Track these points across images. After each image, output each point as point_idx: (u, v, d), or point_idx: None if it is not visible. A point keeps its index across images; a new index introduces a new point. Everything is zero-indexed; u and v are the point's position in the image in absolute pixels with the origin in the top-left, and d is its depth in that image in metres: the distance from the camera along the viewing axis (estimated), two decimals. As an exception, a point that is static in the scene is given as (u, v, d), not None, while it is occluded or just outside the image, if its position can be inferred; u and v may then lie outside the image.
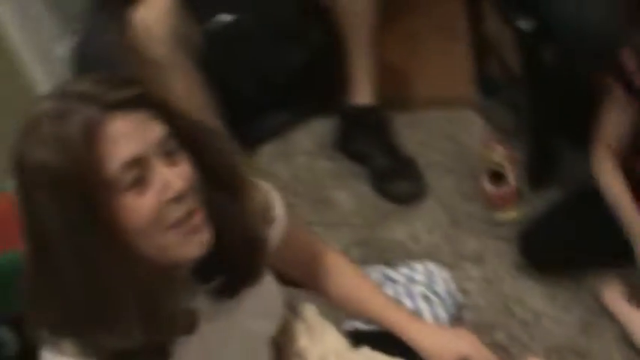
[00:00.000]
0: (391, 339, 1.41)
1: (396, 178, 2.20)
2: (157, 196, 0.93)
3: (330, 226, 2.17)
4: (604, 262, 1.89)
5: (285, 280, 1.34)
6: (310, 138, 2.46)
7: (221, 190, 1.02)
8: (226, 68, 2.34)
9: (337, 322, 1.42)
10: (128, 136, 0.91)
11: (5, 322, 1.36)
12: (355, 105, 2.29)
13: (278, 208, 1.22)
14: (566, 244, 1.89)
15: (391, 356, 1.34)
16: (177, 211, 0.95)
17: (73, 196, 0.90)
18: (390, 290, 1.84)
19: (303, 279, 1.41)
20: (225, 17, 2.30)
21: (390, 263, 1.98)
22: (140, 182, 0.92)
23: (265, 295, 1.21)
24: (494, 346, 1.82)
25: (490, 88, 2.37)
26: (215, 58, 2.25)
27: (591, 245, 1.86)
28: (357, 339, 1.40)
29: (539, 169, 2.15)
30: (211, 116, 2.10)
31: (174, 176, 0.94)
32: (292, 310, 1.38)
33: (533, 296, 1.92)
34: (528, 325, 1.87)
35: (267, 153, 2.45)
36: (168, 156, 0.95)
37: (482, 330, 1.86)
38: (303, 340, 1.34)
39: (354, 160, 2.32)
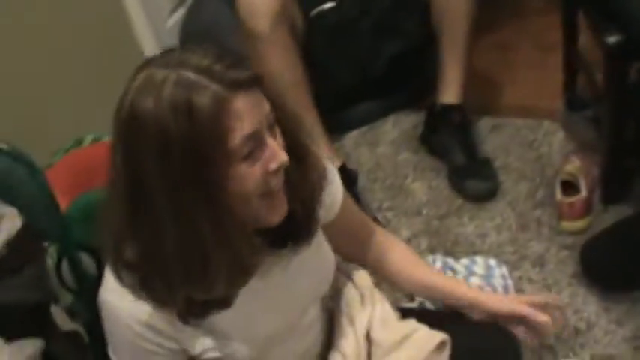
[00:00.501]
0: (434, 318, 1.49)
1: (472, 177, 2.29)
2: (265, 166, 1.06)
3: (403, 214, 2.27)
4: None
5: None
6: (396, 129, 2.58)
7: (292, 161, 1.11)
8: (325, 54, 2.47)
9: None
10: (249, 113, 1.03)
11: (86, 249, 1.48)
12: (442, 102, 2.39)
13: (333, 177, 1.32)
14: (625, 260, 1.94)
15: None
16: (275, 180, 1.08)
17: (188, 160, 1.00)
18: (448, 278, 1.94)
19: (356, 254, 1.51)
20: (329, 4, 2.41)
21: (454, 254, 2.09)
22: (253, 153, 1.04)
23: (318, 256, 1.32)
24: (542, 347, 1.90)
25: (576, 103, 2.43)
26: (315, 43, 2.38)
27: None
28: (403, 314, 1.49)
29: (613, 186, 2.20)
30: (303, 93, 2.22)
31: (278, 149, 1.07)
32: (347, 276, 1.47)
33: (588, 305, 1.98)
34: (579, 333, 1.93)
35: (354, 139, 2.58)
36: (271, 129, 1.08)
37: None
38: (355, 305, 1.42)
39: (434, 155, 2.43)
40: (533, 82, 2.60)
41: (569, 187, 2.18)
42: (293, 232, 1.20)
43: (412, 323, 1.42)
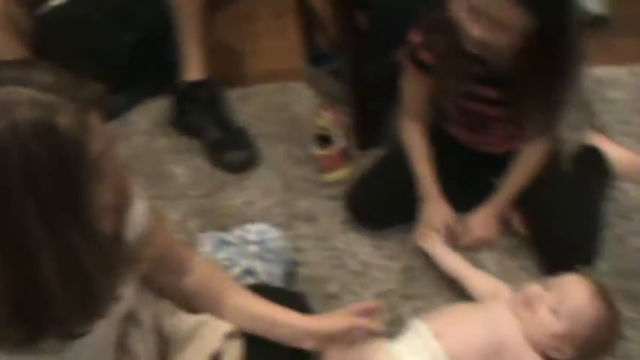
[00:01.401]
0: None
1: (229, 149, 2.27)
2: None
3: (169, 199, 2.21)
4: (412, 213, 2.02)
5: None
6: (146, 118, 2.50)
7: None
8: (63, 51, 2.33)
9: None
10: (100, 129, 1.01)
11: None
12: (187, 81, 2.34)
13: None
14: (386, 197, 2.01)
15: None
16: None
17: (53, 180, 0.95)
18: (225, 253, 1.91)
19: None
20: (57, 1, 2.30)
21: (226, 229, 2.06)
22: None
23: None
24: (328, 297, 1.93)
25: (317, 60, 2.48)
26: (50, 42, 2.25)
27: (406, 199, 2.00)
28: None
29: (364, 131, 2.27)
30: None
31: None
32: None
33: (362, 248, 2.03)
34: (359, 275, 1.97)
35: (105, 135, 2.47)
36: None
37: (316, 283, 1.96)
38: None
39: (189, 135, 2.38)
40: (275, 47, 2.63)
41: (324, 140, 2.22)
42: None
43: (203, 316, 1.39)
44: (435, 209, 1.97)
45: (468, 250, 1.97)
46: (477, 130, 1.93)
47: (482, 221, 1.99)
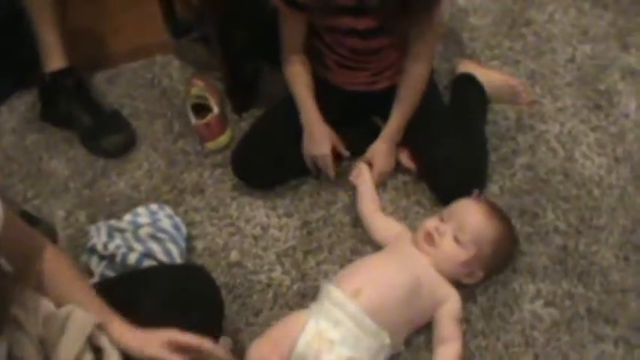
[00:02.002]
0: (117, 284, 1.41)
1: (105, 134, 2.19)
2: None
3: (51, 196, 2.12)
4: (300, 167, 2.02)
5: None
6: (13, 116, 2.38)
7: None
8: None
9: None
10: None
11: None
12: (50, 71, 2.24)
13: None
14: (268, 155, 1.99)
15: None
16: None
17: None
18: (119, 240, 1.85)
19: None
20: None
21: (117, 215, 2.00)
22: None
23: None
24: (232, 266, 1.90)
25: (180, 30, 2.42)
26: None
27: (292, 153, 1.98)
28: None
29: (238, 95, 2.23)
30: None
31: None
32: None
33: (257, 211, 2.01)
34: (258, 239, 1.95)
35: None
36: None
37: (217, 254, 1.93)
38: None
39: (61, 126, 2.29)
40: (135, 22, 2.52)
41: (201, 108, 2.18)
42: None
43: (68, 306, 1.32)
44: (320, 133, 1.94)
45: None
46: (351, 66, 1.93)
47: (380, 155, 1.99)
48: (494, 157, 2.04)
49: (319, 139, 1.93)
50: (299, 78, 1.93)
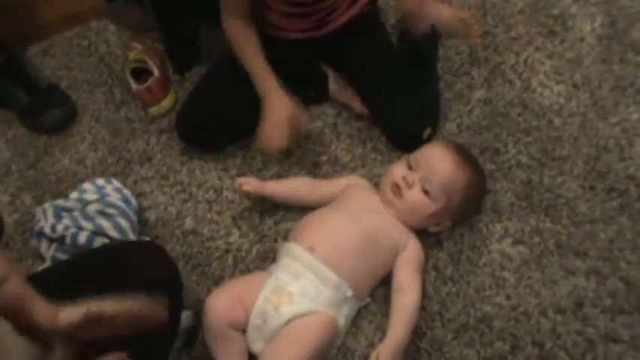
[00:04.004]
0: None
1: (43, 110, 2.08)
2: None
3: (-8, 180, 2.02)
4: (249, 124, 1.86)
5: None
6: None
7: None
8: None
9: None
10: None
11: None
12: (-23, 50, 2.13)
13: None
14: (216, 116, 1.89)
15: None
16: None
17: None
18: (67, 220, 1.77)
19: None
20: None
21: (64, 194, 1.90)
22: None
23: None
24: (188, 234, 1.82)
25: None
26: None
27: (239, 111, 1.88)
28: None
29: (179, 55, 2.13)
30: None
31: None
32: None
33: (208, 175, 1.92)
34: (212, 203, 1.87)
35: None
36: None
37: (171, 223, 1.86)
38: None
39: (-2, 108, 2.18)
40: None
41: (141, 73, 2.08)
42: None
43: None
44: (279, 103, 1.77)
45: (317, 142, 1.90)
46: (300, 12, 1.83)
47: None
48: (449, 94, 1.96)
49: (277, 111, 1.76)
50: (245, 46, 1.81)
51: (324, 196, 1.75)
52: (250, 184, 1.77)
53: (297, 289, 1.54)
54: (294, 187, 1.80)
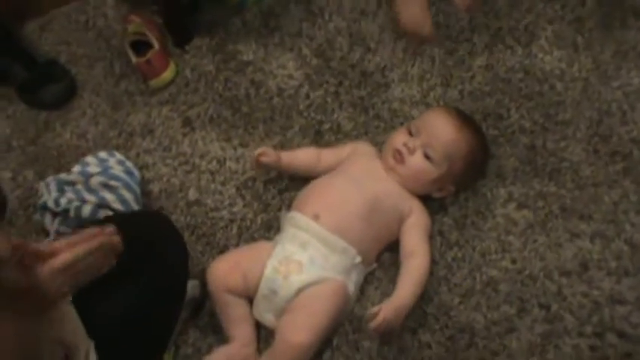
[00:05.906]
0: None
1: (42, 85, 2.07)
2: None
3: (-5, 157, 2.02)
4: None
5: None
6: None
7: None
8: None
9: None
10: None
11: None
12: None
13: None
14: None
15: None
16: None
17: None
18: (71, 194, 1.77)
19: None
20: None
21: (66, 168, 1.90)
22: None
23: None
24: (191, 204, 1.82)
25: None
26: None
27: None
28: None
29: (178, 27, 2.12)
30: None
31: None
32: None
33: (211, 145, 1.92)
34: (215, 173, 1.87)
35: None
36: None
37: (174, 195, 1.86)
38: None
39: (-6, 85, 2.17)
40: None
41: (141, 46, 2.07)
42: None
43: None
44: None
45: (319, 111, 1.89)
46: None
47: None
48: (450, 61, 1.96)
49: None
50: None
51: (330, 165, 1.75)
52: (270, 155, 1.75)
53: (305, 258, 1.55)
54: (303, 157, 1.79)
